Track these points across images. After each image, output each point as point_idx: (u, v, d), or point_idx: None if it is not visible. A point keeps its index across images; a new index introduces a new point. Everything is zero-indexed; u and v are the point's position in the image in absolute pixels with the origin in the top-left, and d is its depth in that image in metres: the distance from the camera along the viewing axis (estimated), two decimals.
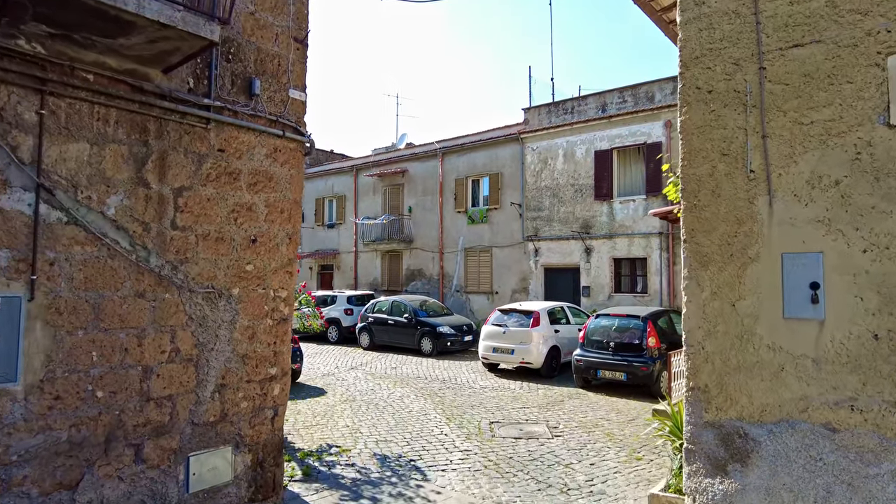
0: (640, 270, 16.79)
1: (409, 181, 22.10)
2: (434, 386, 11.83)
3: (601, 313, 11.62)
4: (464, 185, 20.27)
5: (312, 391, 11.36)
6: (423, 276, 21.60)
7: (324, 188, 25.68)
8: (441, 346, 15.72)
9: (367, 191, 23.70)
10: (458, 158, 20.56)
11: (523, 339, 12.49)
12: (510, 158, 19.13)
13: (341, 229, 24.78)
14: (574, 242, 17.62)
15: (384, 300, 17.94)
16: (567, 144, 17.92)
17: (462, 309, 19.85)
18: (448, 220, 20.73)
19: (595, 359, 11.02)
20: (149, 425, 4.37)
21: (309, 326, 8.35)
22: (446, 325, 15.98)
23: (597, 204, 17.29)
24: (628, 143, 16.86)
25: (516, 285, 18.81)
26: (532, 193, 18.55)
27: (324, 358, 16.10)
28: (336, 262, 24.95)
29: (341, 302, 19.66)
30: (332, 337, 19.46)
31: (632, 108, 16.85)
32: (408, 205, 22.04)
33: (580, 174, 17.61)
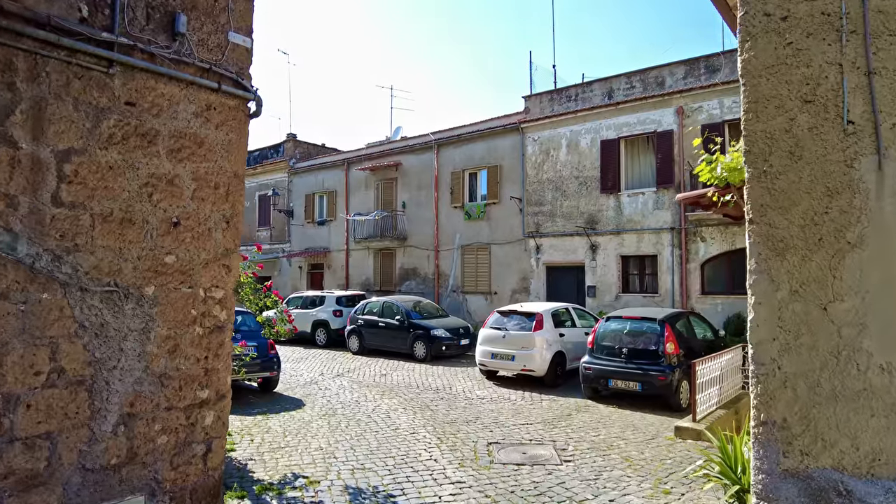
0: (649, 269, 15.59)
1: (402, 175, 20.89)
2: (426, 396, 10.62)
3: (613, 316, 10.42)
4: (460, 178, 19.08)
5: (289, 403, 10.16)
6: (417, 275, 20.40)
7: (314, 183, 24.48)
8: (435, 350, 14.53)
9: (358, 186, 22.50)
10: (455, 150, 19.37)
11: (525, 343, 11.30)
12: (510, 150, 17.95)
13: (332, 226, 23.57)
14: (578, 239, 16.44)
15: (375, 301, 16.74)
16: (571, 134, 16.73)
17: (459, 310, 18.65)
18: (444, 215, 19.53)
19: (606, 367, 9.83)
20: (11, 477, 3.15)
21: (276, 333, 7.12)
22: (441, 328, 14.78)
23: (603, 197, 16.10)
24: (637, 132, 15.68)
25: (516, 285, 17.61)
26: (533, 187, 17.36)
27: (309, 363, 14.90)
28: (327, 262, 23.74)
29: (330, 303, 18.45)
30: (320, 340, 18.26)
31: (640, 95, 15.67)
32: (401, 200, 20.83)
33: (585, 166, 16.42)
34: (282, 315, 7.04)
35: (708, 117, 14.52)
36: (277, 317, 7.13)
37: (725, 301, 14.13)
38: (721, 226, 14.19)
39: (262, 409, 9.61)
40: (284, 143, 26.50)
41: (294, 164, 25.53)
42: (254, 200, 27.42)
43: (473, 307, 18.61)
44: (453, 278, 19.22)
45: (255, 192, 27.26)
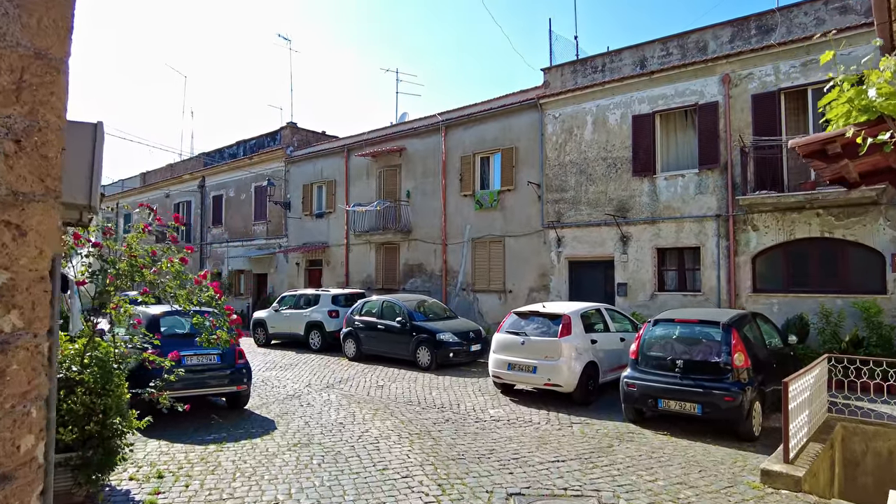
0: (690, 263, 13.46)
1: (406, 161, 18.89)
2: (428, 417, 8.61)
3: (662, 319, 8.33)
4: (471, 163, 17.04)
5: (257, 426, 8.19)
6: (422, 271, 18.38)
7: (312, 172, 22.55)
8: (442, 357, 12.51)
9: (359, 174, 20.53)
10: (465, 132, 17.32)
11: (549, 352, 9.25)
12: (527, 129, 15.88)
13: (331, 219, 21.62)
14: (607, 229, 14.33)
15: (374, 300, 14.76)
16: (597, 109, 14.63)
17: (469, 311, 16.61)
18: (452, 205, 17.50)
19: (655, 383, 7.75)
20: None
21: (216, 342, 5.13)
22: (448, 332, 12.76)
23: (636, 181, 13.98)
24: (674, 106, 13.55)
25: (534, 282, 15.54)
26: (554, 171, 15.28)
27: (296, 371, 12.95)
28: (325, 257, 21.80)
29: (325, 302, 16.50)
30: (314, 344, 16.33)
31: (678, 62, 13.54)
32: (405, 189, 18.82)
33: (614, 145, 14.31)
34: (223, 320, 5.04)
35: (760, 85, 12.37)
36: (218, 321, 5.13)
37: (783, 300, 11.97)
38: (778, 212, 12.03)
39: (221, 435, 7.64)
40: (281, 131, 24.62)
41: (291, 152, 23.63)
42: (250, 192, 25.59)
43: (485, 308, 16.56)
44: (463, 275, 17.19)
45: (251, 184, 25.42)
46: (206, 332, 5.15)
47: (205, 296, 5.03)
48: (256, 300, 24.36)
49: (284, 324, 17.34)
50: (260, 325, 18.02)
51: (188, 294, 4.99)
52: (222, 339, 5.06)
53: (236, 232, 26.29)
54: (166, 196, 31.33)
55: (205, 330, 5.14)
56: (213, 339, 5.10)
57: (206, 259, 28.13)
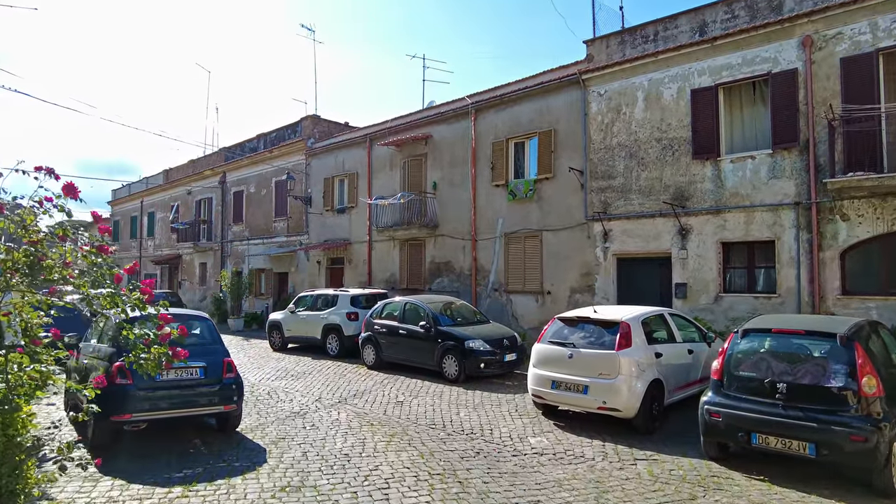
0: (762, 259, 11.49)
1: (433, 150, 17.27)
2: (454, 448, 6.96)
3: (753, 329, 6.48)
4: (503, 149, 15.31)
5: (244, 456, 6.66)
6: (450, 270, 16.73)
7: (333, 165, 21.13)
8: (471, 368, 10.85)
9: (382, 165, 18.99)
10: (497, 115, 15.61)
11: (604, 368, 7.49)
12: (567, 109, 14.08)
13: (353, 214, 20.15)
14: (662, 221, 12.45)
15: (395, 302, 13.18)
16: (650, 84, 12.76)
17: (501, 314, 14.91)
18: (483, 196, 15.80)
19: (748, 412, 5.93)
20: None
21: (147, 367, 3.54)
22: (479, 339, 11.08)
23: (696, 165, 12.07)
24: (741, 76, 11.60)
25: (576, 282, 13.73)
26: (599, 155, 13.45)
27: (308, 381, 11.47)
28: (347, 255, 20.35)
29: (343, 303, 15.02)
30: (332, 349, 14.88)
31: (747, 25, 11.58)
32: (431, 180, 17.21)
33: (670, 124, 12.42)
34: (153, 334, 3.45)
35: (852, 47, 10.35)
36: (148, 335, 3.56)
37: (883, 304, 9.94)
38: (875, 198, 10.01)
39: (195, 471, 6.13)
40: (302, 122, 23.29)
41: (312, 144, 22.28)
42: (270, 188, 24.38)
43: (520, 311, 14.82)
44: (494, 274, 15.48)
45: (271, 178, 24.21)
46: (135, 351, 3.60)
47: (131, 299, 3.48)
48: (277, 300, 23.12)
49: (301, 326, 15.94)
50: (275, 328, 16.68)
51: (111, 297, 3.44)
52: (148, 364, 3.50)
53: (257, 229, 25.13)
54: (188, 193, 30.47)
55: (134, 347, 3.59)
56: (146, 363, 3.54)
57: (227, 257, 27.08)
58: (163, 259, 32.05)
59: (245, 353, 16.20)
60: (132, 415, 6.55)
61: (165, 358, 3.53)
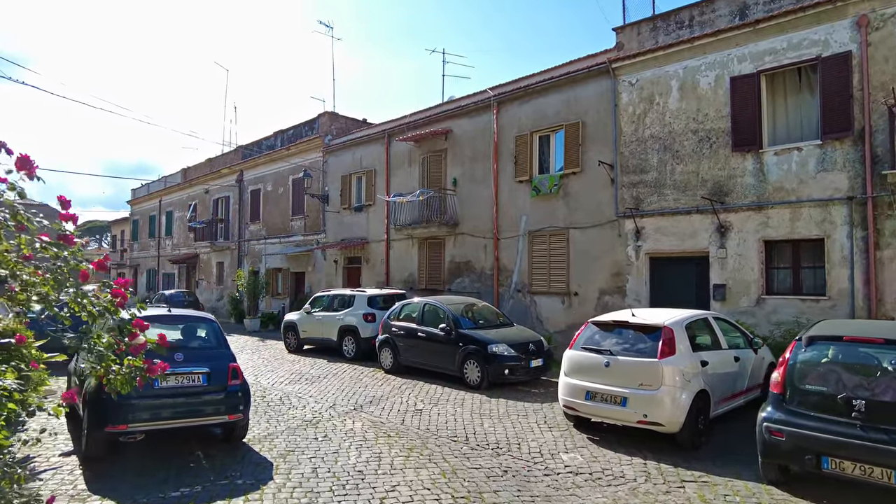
0: (810, 259, 10.63)
1: (453, 145, 16.62)
2: (479, 465, 6.30)
3: (820, 335, 5.71)
4: (527, 143, 14.61)
5: (248, 472, 6.07)
6: (471, 270, 16.06)
7: (351, 162, 20.60)
8: (495, 373, 10.17)
9: (401, 162, 18.40)
10: (520, 108, 14.91)
11: (646, 378, 6.77)
12: (596, 100, 13.33)
13: (371, 212, 19.60)
14: (699, 218, 11.64)
15: (414, 303, 12.55)
16: (685, 72, 11.96)
17: (525, 316, 14.20)
18: (505, 193, 15.11)
19: (819, 432, 5.17)
20: None
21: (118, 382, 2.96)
22: (503, 343, 10.39)
23: (736, 157, 11.25)
24: (787, 62, 10.76)
25: (606, 283, 12.97)
26: (630, 148, 12.68)
27: (322, 386, 10.90)
28: (364, 254, 19.79)
29: (360, 304, 14.44)
30: (348, 351, 14.31)
31: (792, 6, 10.74)
32: (451, 176, 16.56)
33: (707, 114, 11.61)
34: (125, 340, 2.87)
35: None
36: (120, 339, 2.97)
37: None
38: None
39: (193, 490, 5.54)
40: (319, 119, 22.80)
41: (329, 141, 21.78)
42: (287, 186, 23.96)
43: (545, 313, 14.09)
44: (518, 274, 14.77)
45: (288, 177, 23.78)
46: (105, 361, 3.00)
47: (102, 302, 2.88)
48: (294, 300, 22.67)
49: (316, 328, 15.41)
50: (291, 329, 16.17)
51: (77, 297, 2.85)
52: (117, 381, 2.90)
53: (274, 228, 24.73)
54: (206, 192, 30.24)
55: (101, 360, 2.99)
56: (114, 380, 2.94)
57: (244, 257, 26.75)
58: (180, 258, 31.88)
59: (259, 354, 15.71)
60: (128, 425, 6.01)
61: (138, 373, 2.93)
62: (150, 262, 37.00)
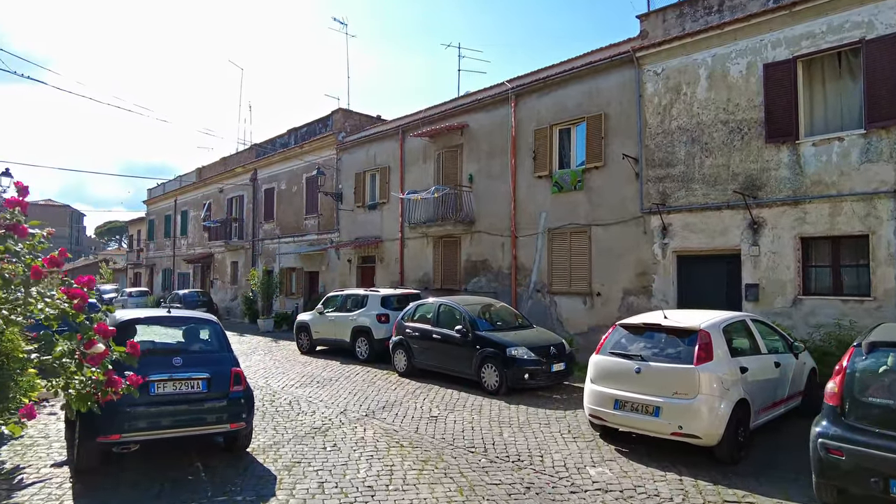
0: (852, 257, 9.94)
1: (469, 140, 16.09)
2: (499, 482, 5.77)
3: (886, 341, 5.10)
4: (547, 137, 14.03)
5: (249, 487, 5.61)
6: (488, 269, 15.52)
7: (364, 160, 20.17)
8: (514, 378, 9.64)
9: (415, 158, 17.93)
10: (539, 100, 14.34)
11: (681, 385, 6.20)
12: (619, 91, 12.72)
13: (385, 211, 19.15)
14: (730, 213, 10.99)
15: (429, 303, 12.07)
16: (714, 60, 11.31)
17: (544, 317, 13.63)
18: (523, 189, 14.55)
19: (891, 452, 4.58)
20: None
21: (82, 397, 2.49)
22: (522, 346, 9.85)
23: (770, 149, 10.59)
24: (826, 46, 10.07)
25: (630, 283, 12.35)
26: (656, 140, 12.06)
27: (334, 389, 10.46)
28: (378, 253, 19.35)
29: (373, 304, 14.00)
30: (361, 353, 13.88)
31: None
32: (468, 172, 16.04)
33: (738, 104, 10.96)
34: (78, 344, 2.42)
35: None
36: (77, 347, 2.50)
37: None
38: None
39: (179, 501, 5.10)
40: (333, 116, 22.43)
41: (343, 138, 21.38)
42: (301, 184, 23.61)
43: (566, 314, 13.50)
44: (537, 273, 14.20)
45: (302, 175, 23.44)
46: (64, 373, 2.54)
47: (53, 303, 2.42)
48: (308, 300, 22.32)
49: (329, 328, 15.01)
50: (303, 330, 15.80)
51: (23, 300, 2.40)
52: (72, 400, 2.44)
53: (288, 227, 24.41)
54: (220, 191, 30.06)
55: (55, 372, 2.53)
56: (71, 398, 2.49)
57: (258, 256, 26.48)
58: (195, 258, 31.75)
59: (272, 355, 15.35)
60: (121, 435, 5.58)
61: (96, 386, 2.47)
62: (165, 262, 36.98)
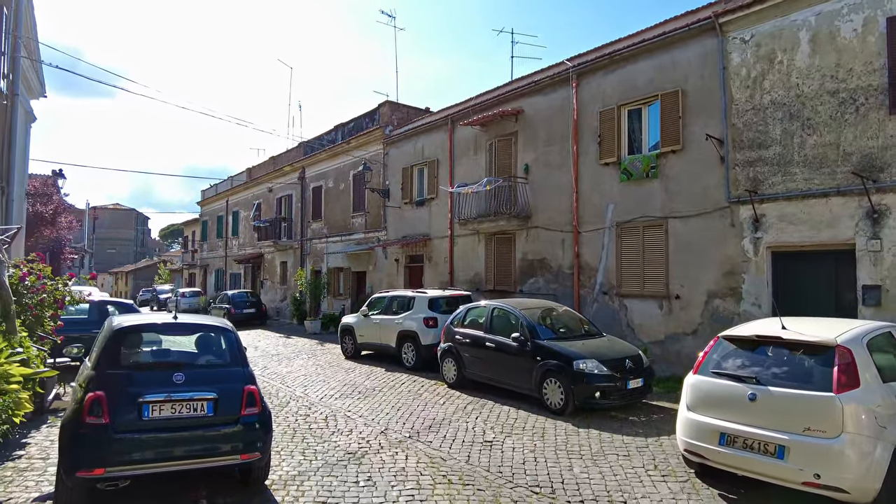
0: None
1: (524, 127, 14.70)
2: None
3: None
4: (614, 119, 12.48)
5: None
6: (546, 268, 14.08)
7: (412, 153, 19.09)
8: (582, 396, 8.23)
9: (466, 149, 16.68)
10: (605, 78, 12.81)
11: (815, 419, 4.68)
12: (698, 64, 11.07)
13: (433, 206, 17.99)
14: (840, 201, 9.19)
15: (481, 307, 10.80)
16: (819, 19, 9.54)
17: (612, 323, 12.10)
18: (587, 179, 13.05)
19: None
20: None
21: None
22: (591, 358, 8.42)
23: (893, 122, 8.75)
24: None
25: (715, 283, 10.68)
26: (745, 118, 10.35)
27: (376, 402, 9.36)
28: (427, 252, 18.21)
29: (420, 307, 12.87)
30: (408, 360, 12.78)
31: None
32: (523, 162, 14.65)
33: (852, 69, 9.15)
34: None
35: None
36: None
37: None
38: None
39: None
40: (380, 109, 21.47)
41: (390, 132, 20.38)
42: (348, 181, 22.80)
43: (638, 319, 11.92)
44: (603, 273, 12.68)
45: (349, 172, 22.61)
46: None
47: None
48: (355, 301, 21.46)
49: (374, 332, 14.00)
50: (347, 333, 14.86)
51: None
52: None
53: (335, 225, 23.67)
54: (269, 190, 29.74)
55: None
56: None
57: (307, 256, 25.89)
58: (245, 258, 31.59)
59: (315, 360, 14.47)
60: (106, 469, 4.57)
61: None
62: (218, 263, 37.18)
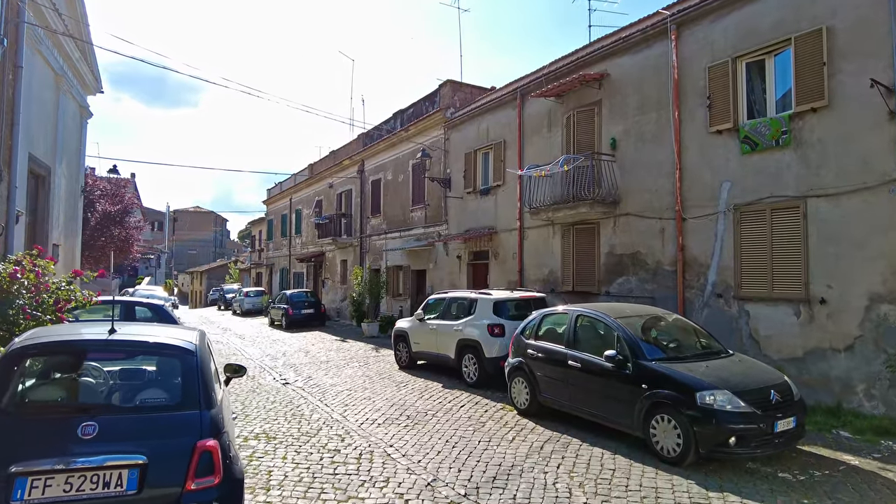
0: None
1: (610, 94, 12.22)
2: None
3: None
4: (728, 75, 9.83)
5: None
6: (640, 265, 11.53)
7: (475, 136, 16.94)
8: (711, 442, 5.81)
9: (537, 127, 14.36)
10: (713, 26, 10.18)
11: None
12: None
13: (500, 195, 15.78)
14: None
15: (559, 312, 8.52)
16: None
17: (728, 333, 9.45)
18: (693, 151, 10.44)
19: None
20: None
21: None
22: (724, 389, 5.98)
23: None
24: None
25: (882, 283, 7.86)
26: None
27: (426, 433, 7.32)
28: (492, 247, 16.01)
29: (483, 311, 10.76)
30: (469, 375, 10.74)
31: None
32: (609, 136, 12.17)
33: None
34: None
35: None
36: None
37: None
38: None
39: None
40: (440, 90, 19.48)
41: (452, 114, 18.35)
42: (407, 172, 20.99)
43: (765, 330, 9.21)
44: (716, 271, 10.02)
45: (408, 161, 20.80)
46: None
47: None
48: (414, 302, 19.62)
49: (430, 340, 12.03)
50: (402, 340, 12.99)
51: None
52: None
53: (394, 221, 21.95)
54: (329, 186, 28.50)
55: None
56: None
57: (366, 253, 24.35)
58: (307, 256, 30.54)
59: (366, 370, 12.67)
60: None
61: None
62: (282, 262, 36.57)
